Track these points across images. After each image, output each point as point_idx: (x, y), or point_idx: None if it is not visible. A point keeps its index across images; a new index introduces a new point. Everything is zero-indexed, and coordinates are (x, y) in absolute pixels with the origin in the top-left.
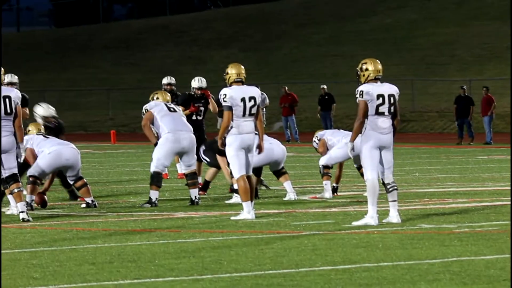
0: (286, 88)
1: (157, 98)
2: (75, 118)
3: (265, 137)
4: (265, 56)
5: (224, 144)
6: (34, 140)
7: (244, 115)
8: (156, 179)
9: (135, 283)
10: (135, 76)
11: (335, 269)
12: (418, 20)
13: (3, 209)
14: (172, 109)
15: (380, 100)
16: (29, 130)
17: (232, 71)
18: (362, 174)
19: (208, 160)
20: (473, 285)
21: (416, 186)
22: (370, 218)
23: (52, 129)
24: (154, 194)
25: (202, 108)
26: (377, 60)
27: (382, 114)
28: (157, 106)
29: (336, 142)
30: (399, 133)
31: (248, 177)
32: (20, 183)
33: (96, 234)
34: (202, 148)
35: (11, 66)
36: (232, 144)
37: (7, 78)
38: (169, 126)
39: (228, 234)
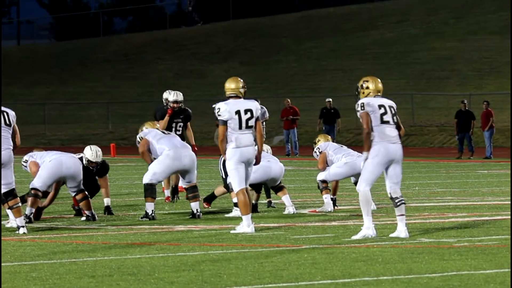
0: (289, 101)
1: (146, 129)
2: (75, 131)
3: (264, 154)
4: (265, 70)
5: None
6: (37, 154)
7: (240, 127)
8: (150, 191)
9: None
10: (135, 89)
11: (335, 282)
12: (418, 35)
13: (2, 222)
14: (166, 132)
15: (383, 110)
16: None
17: (230, 86)
18: None
19: (224, 176)
20: None
21: (416, 200)
22: (367, 229)
23: (92, 171)
24: (150, 206)
25: (181, 124)
26: (379, 80)
27: (388, 123)
28: (150, 132)
29: (336, 160)
30: None
31: (246, 190)
32: (18, 199)
33: (95, 247)
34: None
35: (11, 79)
36: (232, 158)
37: None
38: (169, 145)
39: (227, 247)
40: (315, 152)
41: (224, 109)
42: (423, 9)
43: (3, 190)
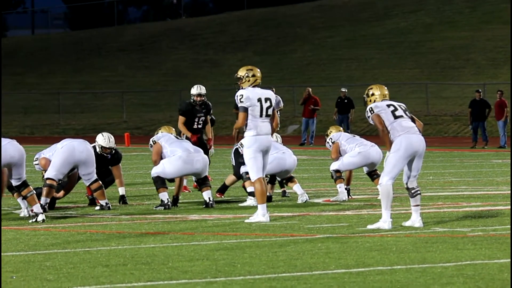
0: (310, 90)
1: (162, 132)
2: (90, 120)
3: (278, 145)
4: (279, 59)
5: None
6: (45, 150)
7: (261, 115)
8: (160, 182)
9: (149, 286)
10: (150, 79)
11: (349, 272)
12: (433, 24)
13: (17, 211)
14: (179, 138)
15: (392, 107)
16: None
17: (251, 74)
18: (372, 179)
19: (233, 163)
20: None
21: (430, 190)
22: (383, 222)
23: (108, 159)
24: (164, 196)
25: (203, 118)
26: (384, 86)
27: (401, 116)
28: (164, 137)
29: (349, 150)
30: None
31: (263, 179)
32: (31, 187)
33: (109, 236)
34: (236, 146)
35: (26, 68)
36: (251, 146)
37: None
38: (182, 148)
39: (241, 237)
40: (328, 142)
41: (247, 96)
42: None
43: (14, 184)
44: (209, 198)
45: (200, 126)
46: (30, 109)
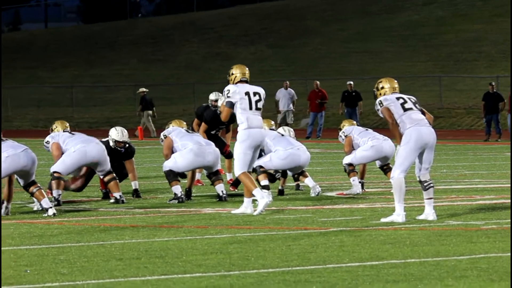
0: (318, 83)
1: (173, 126)
2: (102, 114)
3: (293, 141)
4: (292, 52)
5: None
6: (60, 136)
7: (251, 108)
8: (172, 175)
9: (163, 279)
10: (162, 72)
11: (363, 265)
12: (446, 17)
13: (31, 205)
14: (190, 131)
15: (402, 100)
16: (55, 127)
17: (236, 71)
18: (385, 172)
19: None
20: (501, 281)
21: (443, 183)
22: (397, 216)
23: (121, 153)
24: (177, 189)
25: (224, 128)
26: (393, 79)
27: (411, 109)
28: (174, 131)
29: (362, 143)
30: None
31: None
32: (37, 184)
33: (123, 230)
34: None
35: (39, 62)
36: (244, 142)
37: None
38: (192, 141)
39: (255, 230)
40: (341, 136)
41: (234, 91)
42: None
43: (22, 184)
44: (222, 191)
45: (217, 133)
46: (43, 102)
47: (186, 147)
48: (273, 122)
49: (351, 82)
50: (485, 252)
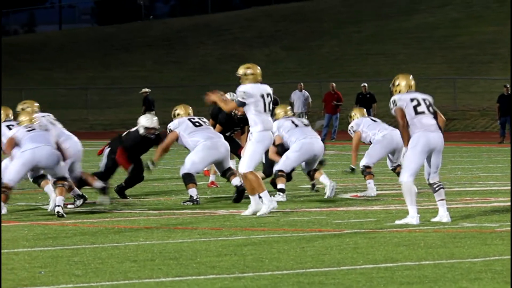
0: (334, 85)
1: (178, 114)
2: (117, 116)
3: (306, 130)
4: (306, 54)
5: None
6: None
7: (265, 110)
8: (189, 178)
9: (177, 281)
10: (177, 74)
11: (377, 267)
12: (461, 19)
13: (45, 206)
14: (197, 124)
15: (415, 102)
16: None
17: (253, 70)
18: (398, 174)
19: (264, 161)
20: None
21: (458, 185)
22: (411, 218)
23: (151, 140)
24: (193, 192)
25: (238, 131)
26: (409, 76)
27: (423, 113)
28: (181, 125)
29: (372, 136)
30: None
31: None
32: (65, 181)
33: (137, 232)
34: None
35: (53, 64)
36: (260, 143)
37: None
38: (202, 136)
39: (269, 232)
40: (349, 130)
41: (250, 92)
42: None
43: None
44: (239, 181)
45: (233, 135)
46: (58, 104)
47: (198, 143)
48: (289, 107)
49: (365, 84)
50: (500, 254)
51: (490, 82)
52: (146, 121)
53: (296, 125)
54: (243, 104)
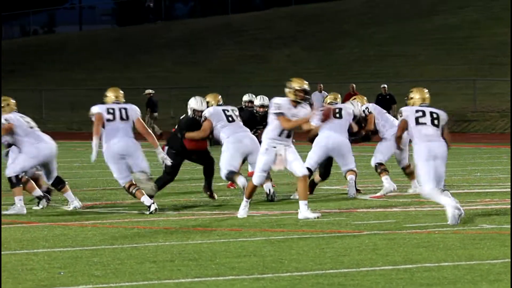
0: (354, 86)
1: (208, 102)
2: None
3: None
4: (327, 55)
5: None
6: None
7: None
8: (232, 173)
9: (196, 282)
10: (197, 75)
11: (396, 268)
12: (481, 20)
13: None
14: (230, 119)
15: (420, 113)
16: (106, 96)
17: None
18: (407, 175)
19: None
20: None
21: (477, 186)
22: (450, 207)
23: (198, 123)
24: (240, 180)
25: (261, 129)
26: (425, 90)
27: (424, 124)
28: (215, 115)
29: (382, 128)
30: (461, 133)
31: None
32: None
33: (157, 232)
34: None
35: (73, 65)
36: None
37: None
38: (227, 133)
39: (288, 233)
40: (364, 111)
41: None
42: None
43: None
44: (269, 189)
45: (256, 134)
46: (78, 105)
47: (223, 140)
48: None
49: (385, 85)
50: None
51: (509, 84)
52: (195, 103)
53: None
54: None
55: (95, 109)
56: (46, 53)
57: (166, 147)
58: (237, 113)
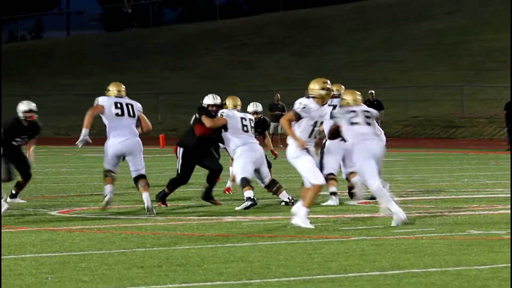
0: (373, 92)
1: (224, 104)
2: None
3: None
4: (315, 61)
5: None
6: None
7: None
8: (246, 181)
9: (183, 287)
10: (185, 80)
11: (384, 274)
12: (469, 26)
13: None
14: (245, 129)
15: (352, 114)
16: (109, 90)
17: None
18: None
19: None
20: None
21: (465, 192)
22: (398, 213)
23: (212, 116)
24: (248, 193)
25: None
26: (356, 92)
27: (357, 123)
28: (232, 119)
29: None
30: (448, 139)
31: None
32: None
33: (144, 238)
34: None
35: (61, 70)
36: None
37: None
38: (242, 141)
39: (276, 238)
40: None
41: (310, 108)
42: (475, 0)
43: (133, 175)
44: (288, 198)
45: None
46: (66, 110)
47: (236, 149)
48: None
49: (373, 91)
50: (507, 261)
51: (498, 90)
52: (208, 99)
53: None
54: (299, 117)
55: (101, 100)
56: (34, 58)
57: (180, 148)
58: (253, 124)
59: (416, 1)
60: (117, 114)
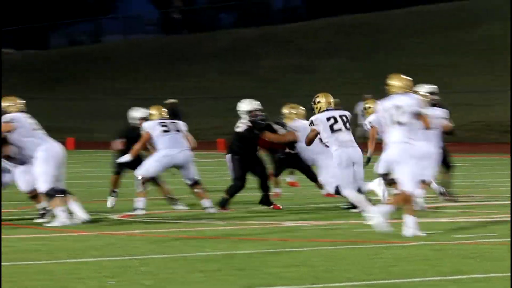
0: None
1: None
2: None
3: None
4: (373, 66)
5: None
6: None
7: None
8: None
9: None
10: (242, 84)
11: (445, 279)
12: None
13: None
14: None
15: (332, 121)
16: (151, 114)
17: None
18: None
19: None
20: None
21: None
22: (377, 214)
23: (260, 124)
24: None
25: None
26: (329, 94)
27: (340, 130)
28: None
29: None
30: (507, 144)
31: None
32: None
33: (205, 242)
34: None
35: (118, 74)
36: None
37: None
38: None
39: (337, 243)
40: (366, 125)
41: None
42: None
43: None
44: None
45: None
46: (123, 114)
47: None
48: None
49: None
50: None
51: None
52: (246, 105)
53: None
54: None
55: (146, 127)
56: (91, 62)
57: (228, 155)
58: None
59: (471, 5)
60: (165, 131)
